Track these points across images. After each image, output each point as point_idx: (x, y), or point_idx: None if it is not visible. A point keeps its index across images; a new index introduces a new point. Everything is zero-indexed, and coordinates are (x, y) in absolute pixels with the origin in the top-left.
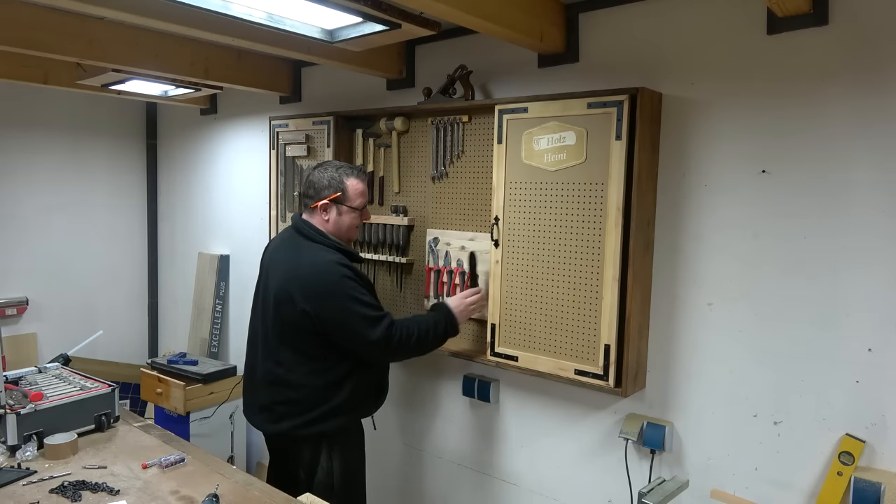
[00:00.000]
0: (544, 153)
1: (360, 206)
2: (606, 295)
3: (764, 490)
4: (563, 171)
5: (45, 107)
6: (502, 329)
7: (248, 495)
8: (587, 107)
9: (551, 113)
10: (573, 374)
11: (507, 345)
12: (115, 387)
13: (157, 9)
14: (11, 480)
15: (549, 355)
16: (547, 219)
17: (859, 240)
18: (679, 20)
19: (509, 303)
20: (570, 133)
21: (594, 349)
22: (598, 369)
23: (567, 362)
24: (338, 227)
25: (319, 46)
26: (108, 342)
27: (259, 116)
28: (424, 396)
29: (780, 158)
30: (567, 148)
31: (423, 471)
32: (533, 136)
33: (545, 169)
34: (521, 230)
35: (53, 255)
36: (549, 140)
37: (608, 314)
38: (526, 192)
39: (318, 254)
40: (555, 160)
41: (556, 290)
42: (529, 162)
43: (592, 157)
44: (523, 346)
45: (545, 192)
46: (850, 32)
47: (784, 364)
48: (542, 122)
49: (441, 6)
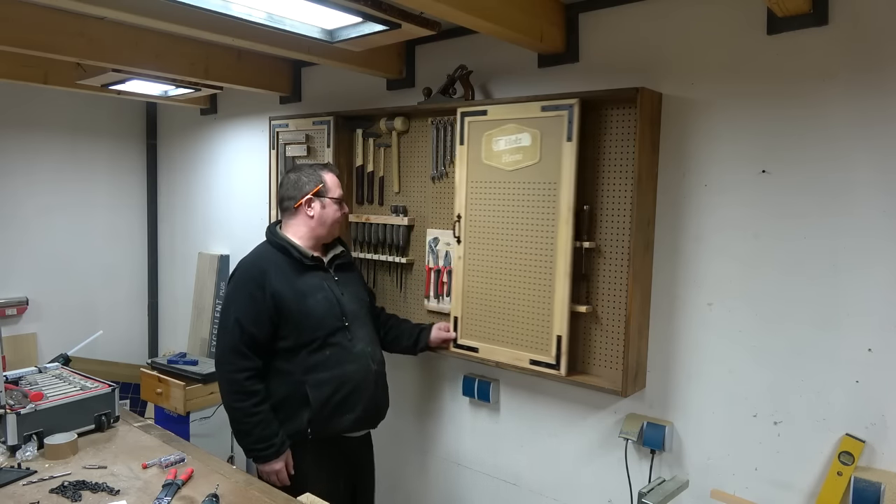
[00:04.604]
0: (502, 154)
1: (339, 197)
2: (558, 289)
3: (764, 490)
4: (520, 171)
5: (45, 107)
6: (464, 322)
7: (248, 495)
8: (541, 109)
9: (509, 115)
10: (528, 364)
11: (469, 336)
12: (115, 387)
13: (157, 9)
14: (11, 480)
15: (506, 346)
16: (505, 216)
17: (859, 240)
18: (679, 20)
19: (471, 296)
20: (525, 135)
21: (547, 340)
22: (550, 359)
23: (523, 353)
24: (322, 221)
25: (319, 46)
26: (108, 342)
27: (259, 116)
28: (424, 397)
29: (780, 158)
30: (523, 149)
31: (423, 471)
32: (492, 137)
33: (503, 169)
34: (482, 227)
35: (54, 255)
36: (506, 141)
37: (560, 307)
38: (486, 191)
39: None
40: (512, 160)
41: (513, 284)
42: (489, 162)
43: (546, 157)
44: (483, 337)
45: (503, 191)
46: (850, 32)
47: (784, 364)
48: (501, 125)
49: (441, 6)
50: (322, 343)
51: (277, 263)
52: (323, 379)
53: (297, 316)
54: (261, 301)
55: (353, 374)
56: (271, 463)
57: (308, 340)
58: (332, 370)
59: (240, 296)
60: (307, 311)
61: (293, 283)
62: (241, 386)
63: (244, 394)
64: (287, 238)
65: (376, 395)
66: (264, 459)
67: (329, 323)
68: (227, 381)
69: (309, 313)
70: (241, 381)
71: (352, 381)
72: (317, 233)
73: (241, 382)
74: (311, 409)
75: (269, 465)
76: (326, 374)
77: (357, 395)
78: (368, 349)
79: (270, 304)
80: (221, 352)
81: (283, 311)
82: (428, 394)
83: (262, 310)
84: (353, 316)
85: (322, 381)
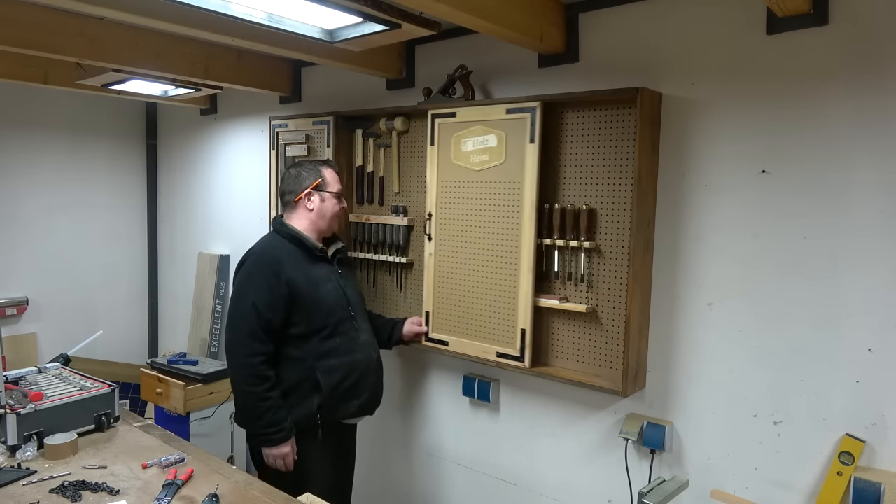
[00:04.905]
0: (470, 154)
1: (338, 192)
2: (522, 284)
3: (764, 490)
4: (486, 171)
5: (45, 107)
6: (435, 316)
7: (248, 495)
8: (506, 112)
9: (476, 117)
10: (495, 357)
11: (440, 331)
12: (115, 387)
13: (157, 9)
14: (11, 480)
15: (475, 340)
16: (473, 214)
17: (859, 240)
18: (679, 20)
19: (441, 292)
20: (492, 136)
21: (512, 333)
22: (515, 351)
23: (490, 346)
24: (322, 214)
25: (319, 46)
26: (108, 342)
27: (259, 116)
28: (424, 396)
29: (780, 158)
30: (489, 149)
31: (423, 471)
32: (461, 138)
33: (471, 169)
34: (451, 225)
35: (54, 255)
36: (474, 142)
37: (524, 301)
38: (455, 190)
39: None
40: (479, 161)
41: (481, 279)
42: (458, 162)
43: (511, 157)
44: (453, 331)
45: (471, 190)
46: (850, 32)
47: (784, 364)
48: (469, 126)
49: (441, 6)
50: (332, 331)
51: (290, 252)
52: (333, 365)
53: (310, 303)
54: (276, 288)
55: (360, 361)
56: (280, 447)
57: (320, 327)
58: (341, 357)
59: (256, 281)
60: (320, 298)
61: (306, 272)
62: (255, 370)
63: (258, 378)
64: (297, 229)
65: (377, 383)
66: (274, 443)
67: (338, 312)
68: (242, 364)
69: (321, 300)
70: (255, 365)
71: (359, 368)
72: (318, 225)
73: (256, 366)
74: (322, 394)
75: (277, 448)
76: (336, 361)
77: (364, 382)
78: (371, 339)
79: (286, 290)
80: (238, 336)
81: (297, 298)
82: (428, 394)
83: (277, 296)
84: (357, 307)
85: (333, 367)
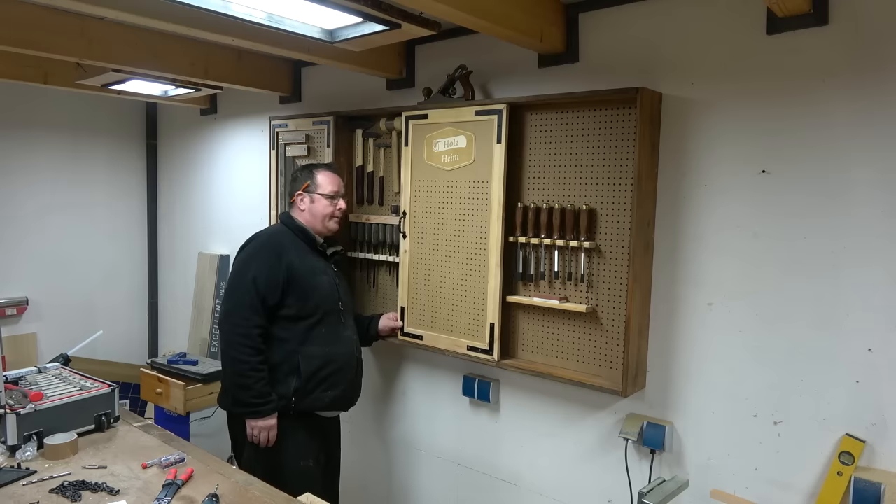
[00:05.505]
0: (442, 154)
1: (330, 193)
2: (491, 280)
3: (764, 490)
4: (457, 171)
5: (45, 107)
6: (410, 311)
7: (248, 495)
8: (475, 114)
9: (447, 119)
10: (466, 350)
11: (414, 325)
12: (115, 387)
13: (157, 9)
14: (11, 480)
15: (447, 334)
16: (444, 213)
17: (859, 240)
18: (679, 20)
19: (415, 288)
20: (461, 137)
21: (482, 327)
22: (484, 345)
23: (461, 339)
24: (312, 214)
25: (319, 46)
26: (108, 342)
27: (259, 116)
28: (424, 396)
29: (779, 158)
30: (459, 150)
31: (423, 471)
32: (433, 139)
33: (442, 168)
34: (424, 223)
35: (53, 256)
36: (445, 143)
37: (492, 297)
38: (428, 189)
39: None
40: (450, 161)
41: (453, 275)
42: (430, 162)
43: (479, 158)
44: (427, 326)
45: (443, 189)
46: (850, 32)
47: (784, 364)
48: (440, 127)
49: (441, 6)
50: (320, 319)
51: (293, 241)
52: (314, 353)
53: (305, 288)
54: (277, 269)
55: (340, 355)
56: (267, 419)
57: (309, 313)
58: (323, 346)
59: (259, 259)
60: (315, 285)
61: (305, 261)
62: (253, 341)
63: (255, 349)
64: (301, 222)
65: (355, 381)
66: (261, 415)
67: (328, 303)
68: (242, 334)
69: (316, 288)
70: (254, 336)
71: (338, 361)
72: (311, 224)
73: (255, 337)
74: (300, 378)
75: (264, 420)
76: (318, 349)
77: (341, 376)
78: (354, 337)
79: (285, 273)
80: (237, 306)
81: (294, 281)
82: (428, 394)
83: (276, 277)
84: (346, 305)
85: (313, 354)
